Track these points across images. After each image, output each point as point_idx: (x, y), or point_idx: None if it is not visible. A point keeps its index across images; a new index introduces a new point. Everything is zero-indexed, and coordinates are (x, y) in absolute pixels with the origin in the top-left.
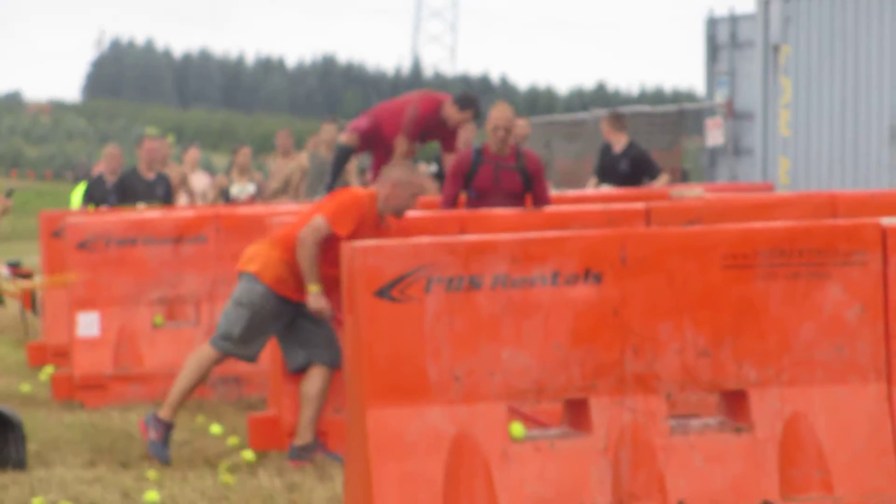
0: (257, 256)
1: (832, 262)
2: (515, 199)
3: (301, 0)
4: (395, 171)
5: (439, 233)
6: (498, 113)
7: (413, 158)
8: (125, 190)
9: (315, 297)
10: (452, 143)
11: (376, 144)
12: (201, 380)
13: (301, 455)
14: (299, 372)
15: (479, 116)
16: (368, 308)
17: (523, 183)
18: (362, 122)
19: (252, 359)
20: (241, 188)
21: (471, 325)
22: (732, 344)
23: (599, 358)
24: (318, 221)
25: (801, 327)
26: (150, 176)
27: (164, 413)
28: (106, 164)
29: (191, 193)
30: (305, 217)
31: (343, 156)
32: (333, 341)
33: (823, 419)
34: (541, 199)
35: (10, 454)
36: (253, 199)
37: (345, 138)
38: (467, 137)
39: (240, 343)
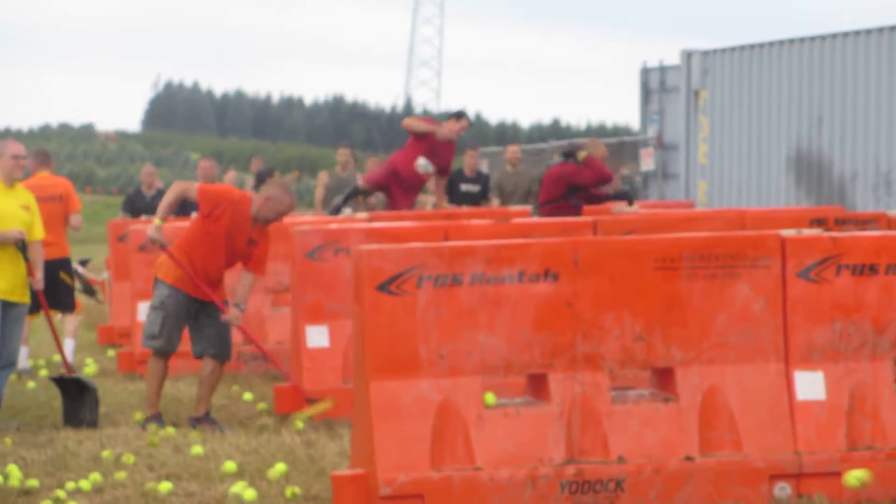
0: (162, 264)
1: (741, 265)
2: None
3: (316, 51)
4: (272, 189)
5: (428, 240)
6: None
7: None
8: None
9: (154, 229)
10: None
11: (392, 184)
12: (160, 383)
13: (194, 424)
14: (199, 358)
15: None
16: (371, 300)
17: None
18: (378, 175)
19: (173, 350)
20: None
21: (453, 314)
22: (662, 331)
23: (556, 341)
24: (193, 183)
25: (716, 317)
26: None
27: (149, 407)
28: (144, 180)
29: None
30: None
31: (356, 194)
32: (224, 338)
33: (734, 391)
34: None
35: (86, 415)
36: None
37: (361, 184)
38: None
39: (159, 338)
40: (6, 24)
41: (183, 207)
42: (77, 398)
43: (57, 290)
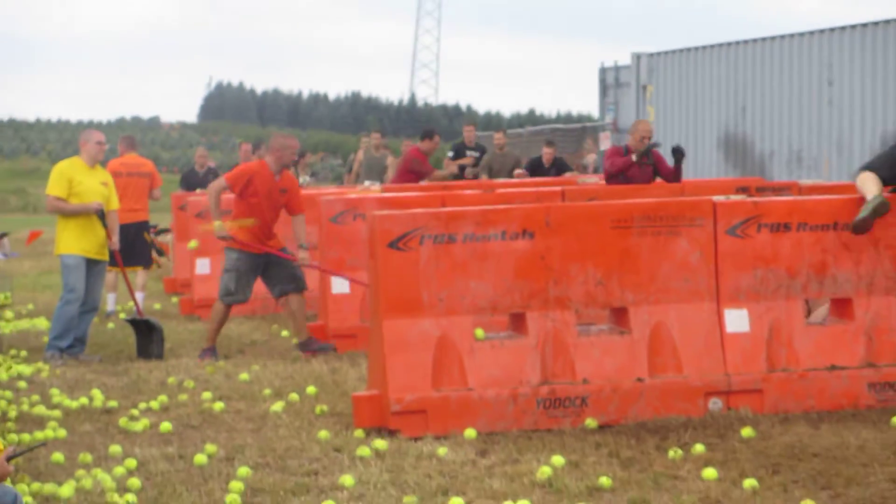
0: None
1: (681, 224)
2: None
3: (338, 56)
4: (276, 142)
5: (428, 206)
6: (643, 126)
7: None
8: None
9: (219, 228)
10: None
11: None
12: (221, 325)
13: (303, 349)
14: (280, 297)
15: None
16: (383, 255)
17: (653, 173)
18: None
19: (245, 301)
20: (303, 179)
21: (449, 266)
22: (618, 277)
23: (532, 287)
24: (220, 180)
25: (661, 266)
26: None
27: (207, 343)
28: (197, 160)
29: None
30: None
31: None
32: (296, 274)
33: (676, 326)
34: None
35: (154, 350)
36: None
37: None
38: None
39: (236, 293)
40: (88, 34)
41: (188, 185)
42: (147, 336)
43: (135, 247)
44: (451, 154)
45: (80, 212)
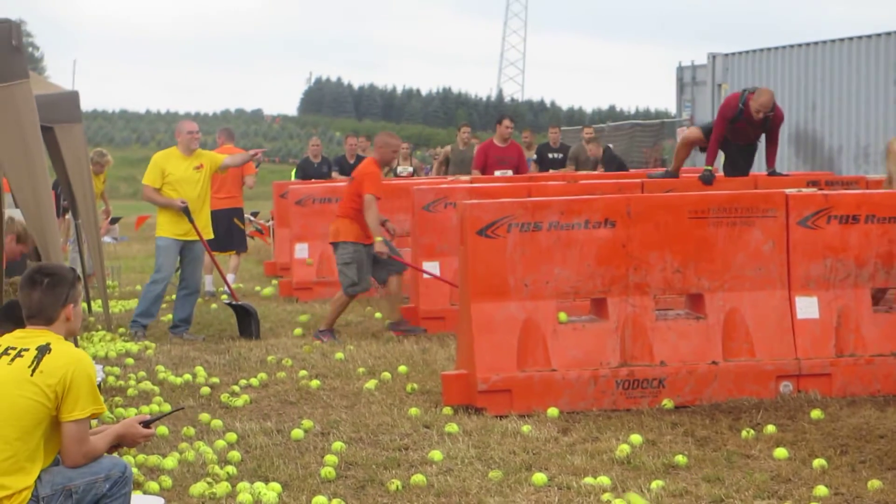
0: (337, 230)
1: (755, 215)
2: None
3: (430, 53)
4: (381, 139)
5: (515, 196)
6: (764, 99)
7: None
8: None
9: (380, 245)
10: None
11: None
12: (342, 312)
13: (399, 327)
14: (384, 283)
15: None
16: (473, 242)
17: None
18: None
19: (368, 289)
20: (404, 168)
21: (535, 253)
22: (695, 265)
23: (613, 273)
24: (370, 198)
25: (736, 255)
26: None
27: (326, 325)
28: (311, 151)
29: None
30: (347, 195)
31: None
32: (389, 260)
33: (750, 312)
34: (772, 142)
35: (252, 331)
36: (410, 176)
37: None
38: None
39: (360, 283)
40: (196, 30)
41: (304, 174)
42: (245, 318)
43: (231, 232)
44: (534, 157)
45: (167, 205)
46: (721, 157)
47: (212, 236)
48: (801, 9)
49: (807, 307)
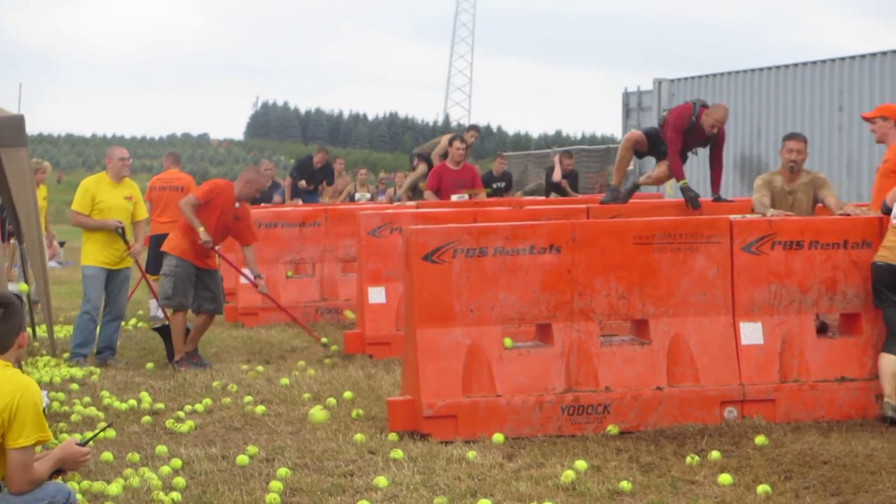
0: (169, 240)
1: (700, 241)
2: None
3: (377, 78)
4: (249, 174)
5: (461, 221)
6: (719, 115)
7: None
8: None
9: (202, 234)
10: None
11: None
12: (183, 334)
13: (182, 361)
14: (197, 313)
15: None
16: (418, 267)
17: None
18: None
19: (187, 307)
20: (362, 195)
21: (480, 278)
22: (639, 291)
23: (558, 299)
24: (189, 195)
25: (680, 281)
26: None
27: (178, 355)
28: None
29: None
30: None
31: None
32: (219, 299)
33: (694, 337)
34: (716, 166)
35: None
36: (368, 202)
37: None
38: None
39: (172, 298)
40: (142, 54)
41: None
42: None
43: (160, 257)
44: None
45: (100, 227)
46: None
47: (129, 266)
48: (747, 35)
49: (751, 333)
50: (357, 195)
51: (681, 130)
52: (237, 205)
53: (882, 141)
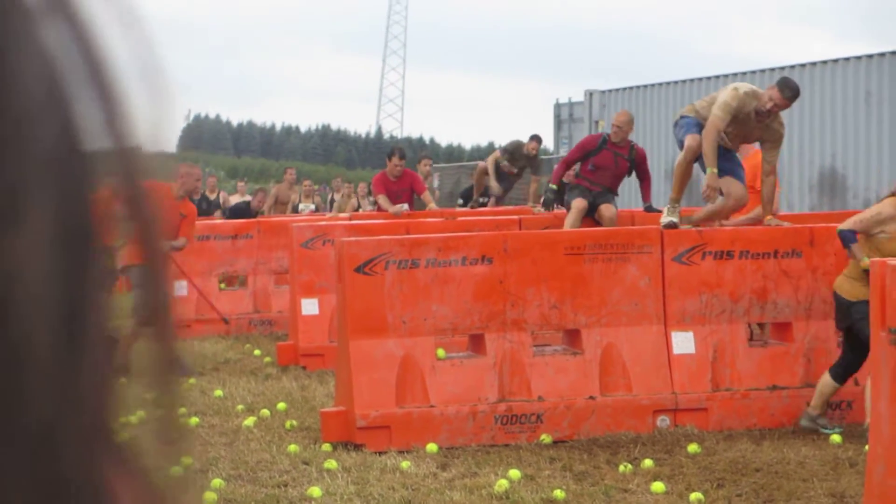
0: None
1: (631, 251)
2: (620, 178)
3: (308, 90)
4: (183, 169)
5: (393, 233)
6: (619, 115)
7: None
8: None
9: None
10: (418, 187)
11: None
12: None
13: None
14: None
15: (403, 157)
16: (350, 279)
17: (629, 169)
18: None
19: None
20: (306, 206)
21: (413, 290)
22: (571, 301)
23: (490, 309)
24: None
25: (612, 291)
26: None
27: None
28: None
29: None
30: None
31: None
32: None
33: (626, 347)
34: (645, 174)
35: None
36: (312, 213)
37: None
38: (426, 171)
39: None
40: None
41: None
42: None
43: None
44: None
45: None
46: None
47: None
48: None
49: (683, 342)
50: (301, 206)
51: (585, 150)
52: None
53: (738, 152)
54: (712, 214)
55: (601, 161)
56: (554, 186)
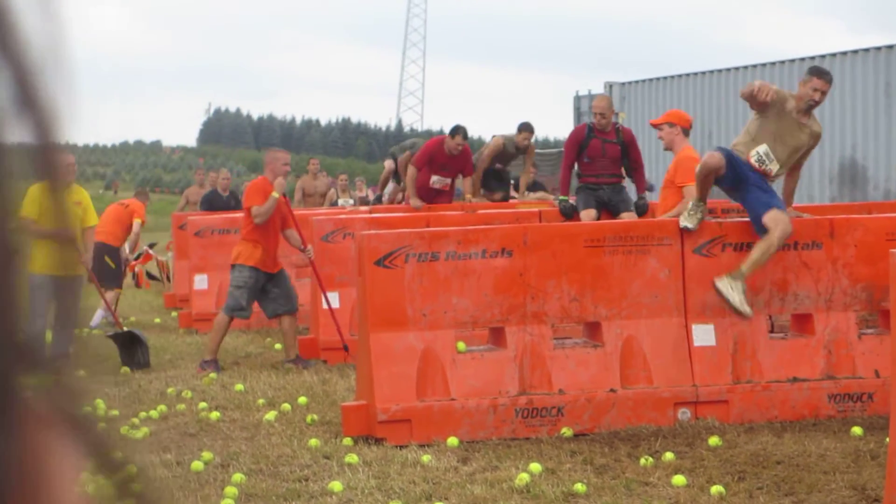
0: (238, 253)
1: (651, 244)
2: (617, 164)
3: (329, 84)
4: (267, 154)
5: (413, 226)
6: (597, 101)
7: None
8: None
9: (279, 184)
10: (468, 169)
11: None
12: (223, 337)
13: (296, 363)
14: (273, 317)
15: (466, 138)
16: (371, 272)
17: (622, 152)
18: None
19: (248, 317)
20: (345, 201)
21: (433, 282)
22: (591, 294)
23: (511, 302)
24: (254, 209)
25: (632, 283)
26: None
27: (210, 355)
28: (220, 183)
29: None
30: (244, 219)
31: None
32: (288, 293)
33: (646, 339)
34: (636, 162)
35: (141, 358)
36: (353, 206)
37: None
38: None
39: (246, 309)
40: (93, 61)
41: (211, 206)
42: (130, 347)
43: (99, 269)
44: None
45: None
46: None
47: (81, 274)
48: (694, 42)
49: (703, 334)
50: (340, 201)
51: (574, 143)
52: (276, 194)
53: (669, 148)
54: (763, 254)
55: (592, 152)
56: (565, 198)
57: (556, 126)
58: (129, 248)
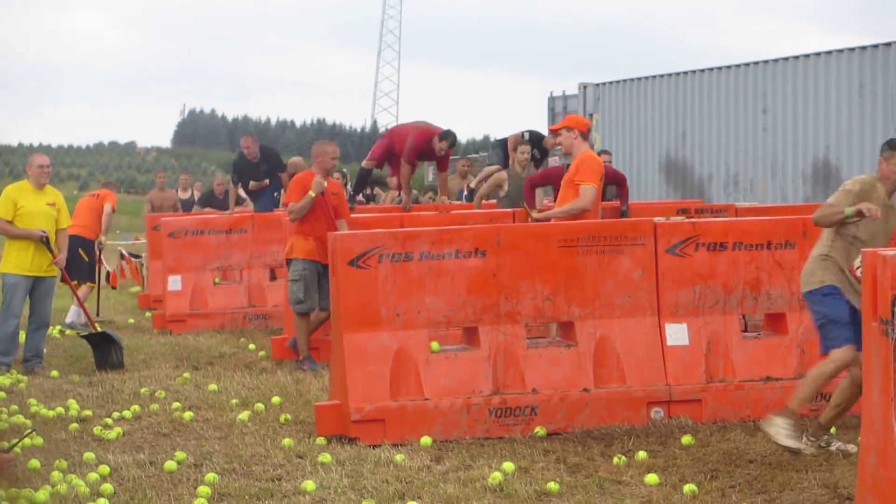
0: (291, 247)
1: (624, 243)
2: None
3: (304, 85)
4: (314, 148)
5: (387, 226)
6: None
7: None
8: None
9: (318, 183)
10: (444, 165)
11: (391, 158)
12: (309, 333)
13: (301, 364)
14: (323, 310)
15: (452, 147)
16: (344, 272)
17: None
18: (377, 150)
19: (314, 308)
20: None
21: (406, 283)
22: (565, 293)
23: (484, 302)
24: (290, 205)
25: (605, 283)
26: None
27: (302, 354)
28: (216, 187)
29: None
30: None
31: (364, 175)
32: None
33: (620, 339)
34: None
35: (114, 359)
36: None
37: (365, 164)
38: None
39: (305, 301)
40: (67, 62)
41: (210, 202)
42: (104, 347)
43: (73, 262)
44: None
45: (24, 236)
46: None
47: (54, 274)
48: (670, 41)
49: (676, 334)
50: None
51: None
52: (325, 183)
53: (569, 152)
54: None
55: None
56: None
57: (530, 127)
58: (104, 229)
